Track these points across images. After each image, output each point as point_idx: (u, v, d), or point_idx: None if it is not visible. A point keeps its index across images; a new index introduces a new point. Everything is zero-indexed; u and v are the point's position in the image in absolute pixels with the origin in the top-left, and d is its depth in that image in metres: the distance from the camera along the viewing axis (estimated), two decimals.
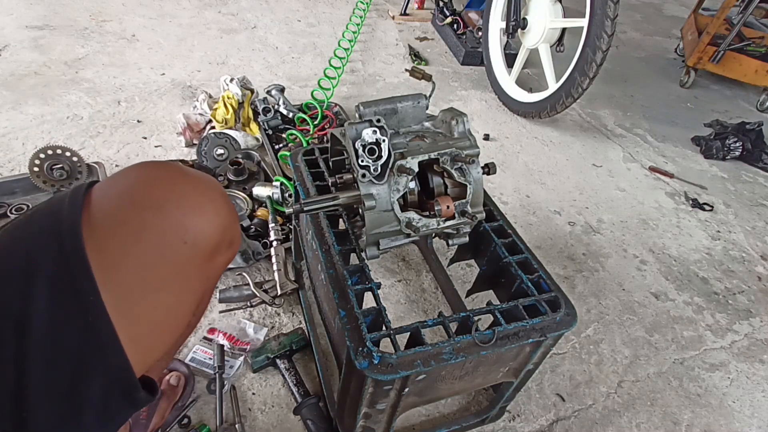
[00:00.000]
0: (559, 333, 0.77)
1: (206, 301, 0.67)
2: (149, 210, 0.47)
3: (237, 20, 2.56)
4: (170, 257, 0.48)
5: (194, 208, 0.50)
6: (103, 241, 0.44)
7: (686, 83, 2.71)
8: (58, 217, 0.43)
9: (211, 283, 0.63)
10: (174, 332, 0.52)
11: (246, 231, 1.30)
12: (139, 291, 0.45)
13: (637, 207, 1.77)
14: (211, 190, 0.53)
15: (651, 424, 1.10)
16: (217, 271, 0.58)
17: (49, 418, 0.41)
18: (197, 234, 0.49)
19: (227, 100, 1.68)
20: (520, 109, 2.13)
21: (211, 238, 0.51)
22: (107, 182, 0.49)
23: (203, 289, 0.56)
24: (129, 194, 0.48)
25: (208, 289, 0.63)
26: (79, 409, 0.42)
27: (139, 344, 0.45)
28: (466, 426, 1.01)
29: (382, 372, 0.67)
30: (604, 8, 1.68)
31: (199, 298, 0.56)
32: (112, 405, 0.45)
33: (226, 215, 0.54)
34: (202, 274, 0.53)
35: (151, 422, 0.89)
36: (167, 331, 0.50)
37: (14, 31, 2.12)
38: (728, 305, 1.44)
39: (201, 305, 0.65)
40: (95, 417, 0.44)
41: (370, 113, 0.76)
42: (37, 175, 1.25)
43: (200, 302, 0.60)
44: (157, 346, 0.49)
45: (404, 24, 2.86)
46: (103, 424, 0.45)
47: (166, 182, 0.50)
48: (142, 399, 0.47)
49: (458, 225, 0.79)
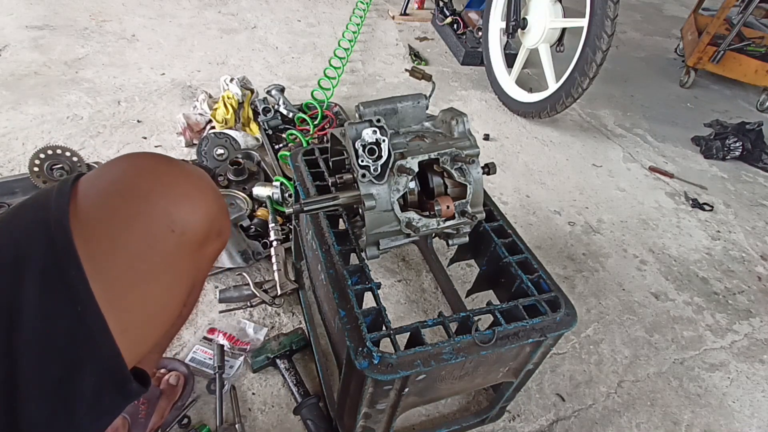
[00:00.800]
0: (559, 333, 0.77)
1: (197, 291, 0.67)
2: (136, 199, 0.47)
3: (237, 20, 2.56)
4: (158, 246, 0.48)
5: (182, 197, 0.50)
6: (91, 232, 0.44)
7: (686, 83, 2.71)
8: (45, 209, 0.43)
9: (202, 274, 0.63)
10: (165, 322, 0.52)
11: (246, 231, 1.30)
12: (128, 281, 0.45)
13: (637, 207, 1.77)
14: (198, 179, 0.53)
15: (651, 424, 1.10)
16: (207, 262, 0.58)
17: (40, 410, 0.41)
18: (185, 223, 0.49)
19: (227, 100, 1.68)
20: (520, 109, 2.13)
21: (199, 227, 0.51)
22: (94, 173, 0.49)
23: (193, 278, 0.56)
24: (116, 184, 0.48)
25: (198, 279, 0.63)
26: (71, 401, 0.42)
27: (130, 334, 0.45)
28: (466, 426, 1.01)
29: (382, 372, 0.67)
30: (604, 8, 1.68)
31: (189, 288, 0.56)
32: (104, 396, 0.45)
33: (214, 204, 0.54)
34: (192, 263, 0.53)
35: (151, 422, 0.89)
36: (158, 321, 0.50)
37: (14, 31, 2.12)
38: (728, 305, 1.44)
39: (192, 296, 0.65)
40: (87, 409, 0.43)
41: (370, 113, 0.76)
42: (37, 175, 1.25)
43: (191, 292, 0.60)
44: (148, 337, 0.49)
45: (404, 24, 2.86)
46: (95, 417, 0.45)
47: (153, 172, 0.50)
48: (134, 391, 0.46)
49: (458, 225, 0.79)
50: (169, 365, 1.01)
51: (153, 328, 0.50)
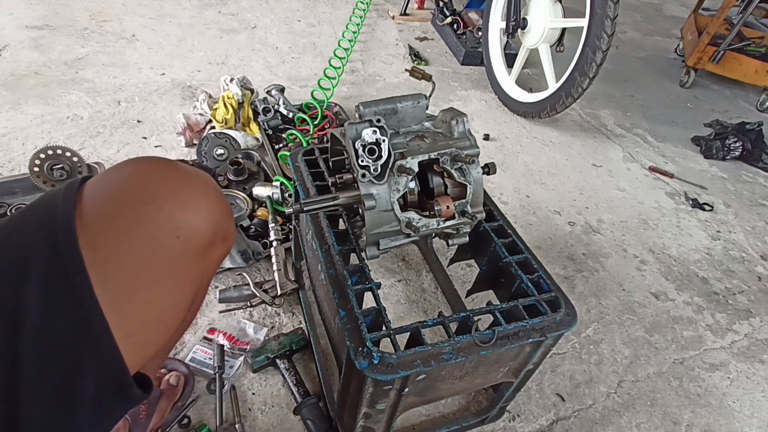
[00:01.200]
0: (559, 333, 0.77)
1: (201, 296, 0.66)
2: (142, 205, 0.47)
3: (237, 20, 2.56)
4: (163, 252, 0.48)
5: (187, 202, 0.50)
6: (95, 237, 0.44)
7: (686, 83, 2.71)
8: (52, 212, 0.43)
9: (206, 279, 0.63)
10: (168, 328, 0.52)
11: (246, 231, 1.30)
12: (132, 286, 0.45)
13: (637, 207, 1.77)
14: (204, 184, 0.53)
15: (651, 424, 1.10)
16: (212, 267, 0.58)
17: (41, 413, 0.41)
18: (190, 229, 0.49)
19: (227, 100, 1.68)
20: (520, 109, 2.13)
21: (205, 233, 0.51)
22: (100, 177, 0.49)
23: (197, 284, 0.56)
24: (121, 189, 0.48)
25: (202, 284, 0.63)
26: (72, 405, 0.42)
27: (133, 339, 0.45)
28: (466, 426, 1.01)
29: (382, 372, 0.67)
30: (604, 8, 1.68)
31: (194, 294, 0.56)
32: (106, 401, 0.44)
33: (220, 210, 0.54)
34: (196, 269, 0.52)
35: (151, 422, 0.89)
36: (161, 327, 0.50)
37: (14, 31, 2.12)
38: (728, 305, 1.44)
39: (196, 301, 0.65)
40: (88, 413, 0.43)
41: (370, 113, 0.76)
42: (37, 175, 1.25)
43: (195, 298, 0.60)
44: (152, 342, 0.49)
45: (404, 24, 2.86)
46: (96, 421, 0.45)
47: (159, 177, 0.50)
48: (136, 396, 0.46)
49: (458, 225, 0.79)
50: (170, 365, 1.01)
51: (156, 333, 0.50)
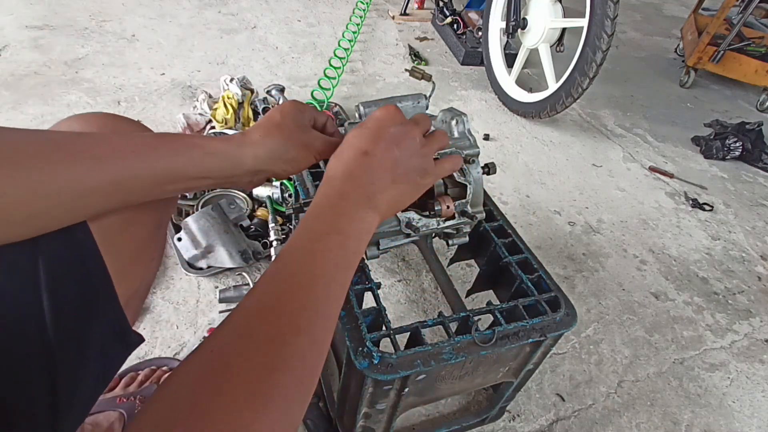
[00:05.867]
0: (559, 333, 0.77)
1: (163, 232, 0.68)
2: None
3: (237, 20, 2.56)
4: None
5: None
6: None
7: (686, 83, 2.71)
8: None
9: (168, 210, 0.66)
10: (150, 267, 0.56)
11: (246, 231, 1.30)
12: (120, 227, 0.48)
13: (637, 207, 1.77)
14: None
15: (651, 424, 1.10)
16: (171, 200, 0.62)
17: (74, 368, 0.42)
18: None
19: (227, 100, 1.68)
20: (520, 109, 2.13)
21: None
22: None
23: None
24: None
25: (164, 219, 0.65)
26: (84, 354, 0.44)
27: (126, 282, 0.47)
28: (466, 426, 1.01)
29: (382, 372, 0.67)
30: (604, 8, 1.68)
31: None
32: (110, 349, 0.46)
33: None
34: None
35: None
36: (144, 262, 0.54)
37: (14, 31, 2.12)
38: (728, 305, 1.44)
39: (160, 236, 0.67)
40: (95, 362, 0.45)
41: (370, 113, 0.76)
42: None
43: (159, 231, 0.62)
44: (136, 280, 0.52)
45: (404, 24, 2.86)
46: (102, 369, 0.47)
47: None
48: (134, 340, 0.49)
49: (458, 225, 0.79)
50: (169, 365, 1.01)
51: (140, 270, 0.53)
